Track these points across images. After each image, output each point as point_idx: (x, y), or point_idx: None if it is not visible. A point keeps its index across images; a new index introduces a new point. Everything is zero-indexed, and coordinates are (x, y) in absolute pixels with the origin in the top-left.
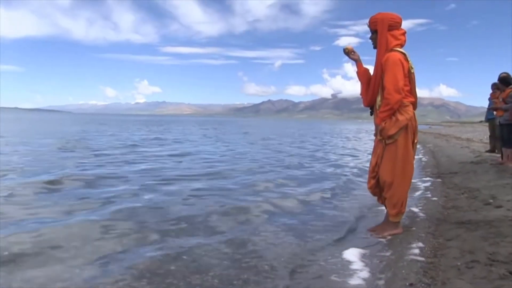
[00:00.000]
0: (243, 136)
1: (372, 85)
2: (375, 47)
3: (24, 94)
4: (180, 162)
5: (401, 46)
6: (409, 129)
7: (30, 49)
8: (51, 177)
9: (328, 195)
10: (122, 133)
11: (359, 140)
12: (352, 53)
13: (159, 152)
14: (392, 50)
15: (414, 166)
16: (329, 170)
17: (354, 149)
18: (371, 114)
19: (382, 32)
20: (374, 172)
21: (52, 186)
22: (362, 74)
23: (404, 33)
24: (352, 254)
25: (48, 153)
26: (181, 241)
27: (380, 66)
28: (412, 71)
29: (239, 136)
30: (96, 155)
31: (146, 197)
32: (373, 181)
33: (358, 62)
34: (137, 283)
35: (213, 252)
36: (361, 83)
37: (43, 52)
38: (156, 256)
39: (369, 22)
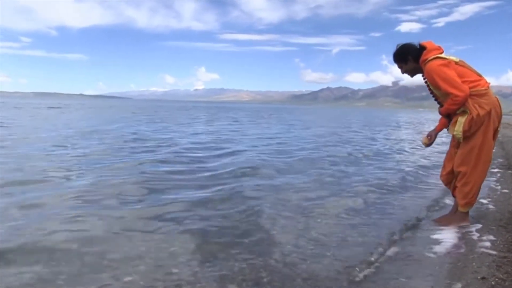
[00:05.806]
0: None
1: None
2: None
3: (89, 81)
4: None
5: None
6: (492, 116)
7: (95, 38)
8: None
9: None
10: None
11: None
12: (429, 138)
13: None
14: (426, 62)
15: None
16: None
17: None
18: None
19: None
20: (450, 161)
21: None
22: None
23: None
24: (418, 245)
25: None
26: None
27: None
28: (457, 60)
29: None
30: None
31: None
32: (448, 169)
33: (438, 131)
34: None
35: None
36: None
37: (108, 40)
38: None
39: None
